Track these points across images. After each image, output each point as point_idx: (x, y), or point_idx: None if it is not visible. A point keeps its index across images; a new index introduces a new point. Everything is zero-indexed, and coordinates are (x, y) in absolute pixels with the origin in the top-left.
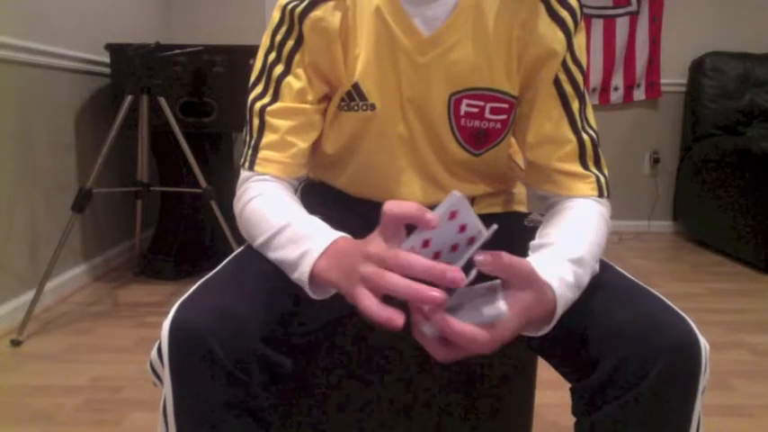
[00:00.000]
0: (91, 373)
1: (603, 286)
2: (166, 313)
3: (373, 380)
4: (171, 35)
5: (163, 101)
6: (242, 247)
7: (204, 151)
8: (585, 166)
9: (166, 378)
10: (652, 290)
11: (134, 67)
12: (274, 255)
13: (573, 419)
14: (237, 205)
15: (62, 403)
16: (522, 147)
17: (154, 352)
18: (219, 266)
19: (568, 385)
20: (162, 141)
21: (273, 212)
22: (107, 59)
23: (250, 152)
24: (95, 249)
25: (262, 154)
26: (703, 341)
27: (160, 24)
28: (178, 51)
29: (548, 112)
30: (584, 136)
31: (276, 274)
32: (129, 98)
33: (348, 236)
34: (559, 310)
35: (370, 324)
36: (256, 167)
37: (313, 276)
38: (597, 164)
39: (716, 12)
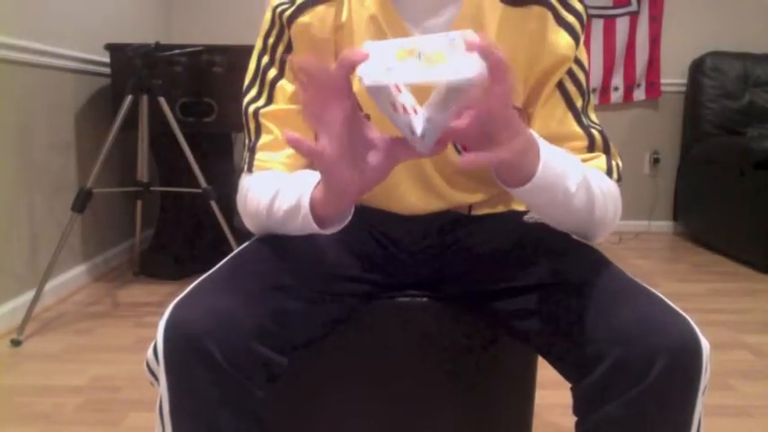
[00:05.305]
0: (91, 372)
1: (604, 286)
2: None
3: (370, 379)
4: (171, 35)
5: (163, 101)
6: (239, 248)
7: (204, 151)
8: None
9: (162, 377)
10: (652, 290)
11: (134, 67)
12: (280, 215)
13: (573, 419)
14: (240, 207)
15: (62, 403)
16: None
17: (150, 351)
18: (216, 266)
19: (568, 385)
20: (162, 141)
21: (265, 185)
22: (107, 59)
23: (248, 155)
24: (95, 249)
25: (258, 155)
26: (704, 341)
27: (160, 24)
28: (178, 51)
29: (551, 112)
30: (592, 131)
31: (273, 273)
32: (129, 98)
33: None
34: (543, 152)
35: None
36: (254, 170)
37: (313, 204)
38: (608, 153)
39: (716, 12)
